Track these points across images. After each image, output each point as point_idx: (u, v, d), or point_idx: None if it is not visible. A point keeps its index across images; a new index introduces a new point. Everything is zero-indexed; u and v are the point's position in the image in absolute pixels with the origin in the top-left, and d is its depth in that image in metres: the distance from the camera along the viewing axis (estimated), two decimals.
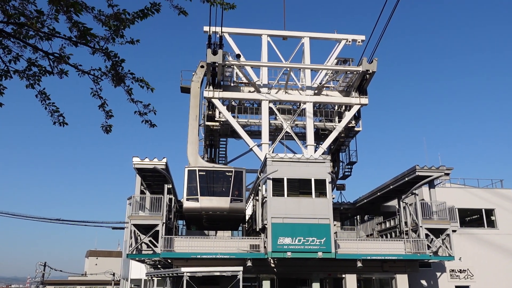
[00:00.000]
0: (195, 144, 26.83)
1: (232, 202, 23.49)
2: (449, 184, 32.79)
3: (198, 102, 28.21)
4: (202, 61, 28.56)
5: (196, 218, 24.78)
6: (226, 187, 23.86)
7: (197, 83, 28.50)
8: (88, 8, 6.08)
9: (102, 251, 79.00)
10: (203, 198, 23.35)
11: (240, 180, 24.21)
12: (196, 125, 27.44)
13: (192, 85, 28.61)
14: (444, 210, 24.33)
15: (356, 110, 29.89)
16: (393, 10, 16.90)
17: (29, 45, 6.10)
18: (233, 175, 23.99)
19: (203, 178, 23.85)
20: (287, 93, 29.97)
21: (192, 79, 28.75)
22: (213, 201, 23.47)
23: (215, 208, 23.57)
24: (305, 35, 31.08)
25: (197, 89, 28.43)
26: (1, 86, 6.36)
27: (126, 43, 6.31)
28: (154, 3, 6.17)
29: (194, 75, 28.77)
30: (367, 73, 28.33)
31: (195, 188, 23.56)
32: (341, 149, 33.93)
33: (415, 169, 23.45)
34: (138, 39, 6.45)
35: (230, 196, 23.50)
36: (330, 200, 22.84)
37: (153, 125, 7.06)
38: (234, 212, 23.88)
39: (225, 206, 23.42)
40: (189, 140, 26.82)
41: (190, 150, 26.57)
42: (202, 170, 24.19)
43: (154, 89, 6.71)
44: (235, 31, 30.66)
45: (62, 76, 6.32)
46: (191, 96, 28.27)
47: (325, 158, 24.08)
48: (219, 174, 24.52)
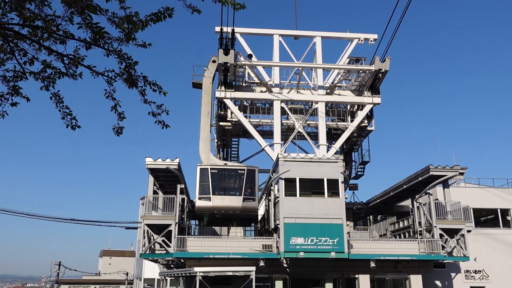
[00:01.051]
0: (207, 141, 26.51)
1: (245, 201, 23.31)
2: (464, 183, 32.40)
3: (210, 98, 27.83)
4: (214, 55, 28.06)
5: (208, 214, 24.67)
6: (239, 186, 23.64)
7: (209, 79, 28.06)
8: (102, 10, 6.13)
9: (116, 251, 79.68)
10: (215, 197, 23.20)
11: (253, 179, 23.94)
12: (208, 122, 27.06)
13: (204, 80, 28.18)
14: (458, 210, 24.04)
15: (369, 110, 29.71)
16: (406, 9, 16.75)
17: (44, 47, 6.17)
18: (246, 173, 23.76)
19: (215, 176, 23.62)
20: (299, 93, 29.91)
21: (204, 75, 28.29)
22: (226, 200, 23.33)
23: (228, 207, 23.42)
24: (317, 34, 30.98)
25: (209, 84, 28.02)
26: (17, 86, 6.45)
27: (138, 46, 6.35)
28: (168, 8, 6.20)
29: (206, 70, 28.30)
30: (380, 72, 28.14)
31: (207, 186, 23.41)
32: (353, 149, 33.75)
33: (429, 169, 23.22)
34: (150, 43, 6.48)
35: (242, 195, 23.33)
36: (343, 200, 22.72)
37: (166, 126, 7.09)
38: (247, 211, 23.71)
39: (237, 205, 23.27)
40: (201, 137, 26.51)
41: (202, 147, 26.27)
42: (214, 168, 23.96)
43: (167, 92, 6.74)
44: (247, 31, 30.68)
45: (76, 78, 6.38)
46: (202, 92, 27.88)
47: (338, 158, 23.98)
48: (231, 172, 24.28)
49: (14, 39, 6.13)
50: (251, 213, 24.34)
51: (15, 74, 6.37)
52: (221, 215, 24.16)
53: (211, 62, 28.35)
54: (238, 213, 23.84)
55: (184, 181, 24.13)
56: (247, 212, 23.94)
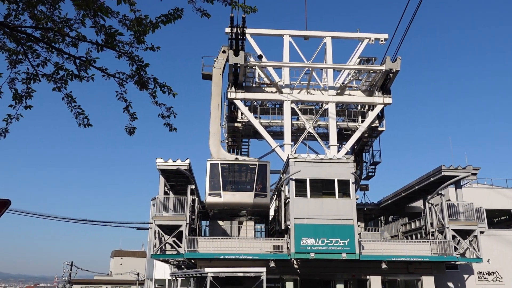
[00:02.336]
0: (217, 135, 25.71)
1: (256, 197, 22.72)
2: (476, 184, 32.05)
3: (220, 90, 27.13)
4: (224, 45, 27.41)
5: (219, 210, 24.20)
6: (250, 182, 22.96)
7: (219, 70, 27.40)
8: (113, 12, 6.17)
9: (127, 251, 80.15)
10: (226, 193, 22.62)
11: (264, 174, 23.23)
12: (218, 115, 26.27)
13: (213, 71, 27.44)
14: (471, 211, 23.79)
15: (380, 110, 29.56)
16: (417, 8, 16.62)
17: (56, 49, 6.22)
18: (257, 168, 23.09)
19: (225, 172, 22.97)
20: (309, 93, 29.84)
21: (214, 66, 27.54)
22: (236, 196, 22.74)
23: (239, 204, 22.84)
24: (327, 34, 30.90)
25: (219, 76, 27.36)
26: (30, 89, 6.52)
27: (147, 49, 6.39)
28: (177, 9, 6.22)
29: (215, 61, 27.59)
30: (391, 72, 27.98)
31: (218, 182, 22.78)
32: (364, 149, 33.59)
33: (441, 169, 23.02)
34: (158, 46, 6.51)
35: (254, 190, 22.70)
36: (353, 200, 22.62)
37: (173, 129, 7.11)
38: (258, 207, 23.08)
39: (248, 202, 22.65)
40: (211, 131, 25.75)
41: (212, 141, 25.52)
42: (225, 163, 23.31)
43: (176, 94, 6.76)
44: (257, 32, 30.69)
45: (88, 80, 6.43)
46: (212, 83, 27.11)
47: (349, 159, 23.86)
48: (242, 167, 23.58)
49: (27, 41, 6.20)
50: (263, 210, 23.70)
51: (28, 76, 6.44)
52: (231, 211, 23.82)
53: (221, 52, 27.51)
54: (249, 209, 23.25)
55: (195, 182, 24.18)
56: (259, 209, 23.31)
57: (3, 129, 6.71)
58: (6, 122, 6.67)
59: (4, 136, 6.77)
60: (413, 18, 16.40)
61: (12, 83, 6.49)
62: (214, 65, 27.71)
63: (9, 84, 6.49)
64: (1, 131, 6.72)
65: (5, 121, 6.66)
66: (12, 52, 6.30)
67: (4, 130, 6.73)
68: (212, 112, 26.34)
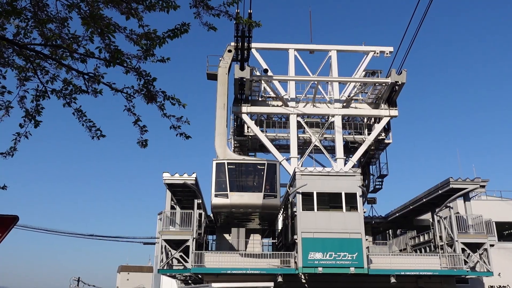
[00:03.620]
0: (223, 135, 24.69)
1: (266, 198, 21.34)
2: (485, 196, 31.77)
3: (226, 89, 26.41)
4: (229, 45, 26.88)
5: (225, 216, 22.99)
6: (259, 182, 21.63)
7: (225, 69, 26.76)
8: (120, 28, 6.26)
9: (134, 266, 79.76)
10: (233, 194, 21.23)
11: (274, 174, 21.98)
12: (224, 115, 25.33)
13: (219, 71, 26.83)
14: (480, 223, 23.52)
15: (386, 122, 29.51)
16: (421, 21, 16.71)
17: (65, 66, 6.30)
18: (266, 168, 21.76)
19: (232, 172, 21.68)
20: (315, 107, 29.89)
21: (219, 65, 26.95)
22: (244, 197, 21.36)
23: (247, 205, 21.48)
24: (332, 48, 31.05)
25: (225, 75, 26.68)
26: (39, 105, 6.59)
27: (157, 62, 6.45)
28: (184, 23, 6.29)
29: (221, 60, 27.02)
30: (396, 85, 28.01)
31: (224, 182, 21.45)
32: (371, 162, 33.47)
33: (449, 182, 22.85)
34: (168, 57, 6.58)
35: (263, 191, 21.32)
36: (361, 214, 22.46)
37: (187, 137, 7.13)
38: (268, 209, 21.70)
39: (257, 203, 21.27)
40: (217, 131, 24.76)
41: (218, 142, 24.50)
42: (232, 163, 22.05)
43: (186, 105, 6.79)
44: (262, 46, 30.91)
45: (96, 95, 6.50)
46: (218, 83, 26.51)
47: (355, 171, 23.76)
48: (250, 167, 22.41)
49: (36, 59, 6.29)
50: (273, 212, 22.34)
51: (37, 93, 6.51)
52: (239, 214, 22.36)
53: (226, 51, 26.89)
54: (258, 211, 21.79)
55: (201, 196, 24.14)
56: (268, 210, 21.88)
57: (12, 148, 6.76)
58: (14, 141, 6.73)
59: (12, 155, 6.81)
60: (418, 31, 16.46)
61: (21, 101, 6.57)
62: (219, 64, 26.99)
63: (19, 103, 6.57)
64: (10, 150, 6.76)
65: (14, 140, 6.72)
66: (22, 69, 6.39)
67: (12, 149, 6.77)
68: (217, 111, 25.46)
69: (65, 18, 6.13)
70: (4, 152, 6.85)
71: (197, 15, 6.55)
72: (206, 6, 6.44)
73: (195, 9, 6.51)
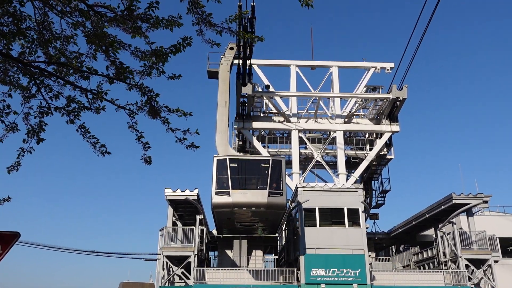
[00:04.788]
0: (224, 133, 23.65)
1: (271, 196, 19.97)
2: (488, 212, 31.60)
3: (228, 87, 25.57)
4: (231, 42, 26.22)
5: (227, 217, 21.65)
6: (263, 179, 20.36)
7: (226, 66, 26.07)
8: (125, 45, 6.34)
9: (135, 283, 78.88)
10: (235, 191, 19.90)
11: (279, 171, 20.73)
12: (225, 112, 24.39)
13: (220, 68, 26.13)
14: (484, 239, 23.38)
15: (388, 138, 29.53)
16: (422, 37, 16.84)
17: (68, 83, 6.37)
18: (271, 165, 20.57)
19: (235, 169, 20.50)
20: (316, 122, 29.97)
21: (221, 62, 26.23)
22: (248, 195, 20.02)
23: (250, 204, 20.11)
24: (333, 64, 31.27)
25: (226, 72, 25.94)
26: (42, 122, 6.64)
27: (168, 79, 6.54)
28: (186, 37, 6.36)
29: (222, 57, 26.31)
30: (398, 100, 28.11)
31: (226, 180, 20.16)
32: (373, 177, 33.40)
33: (452, 197, 22.77)
34: (180, 74, 6.65)
35: (267, 189, 20.02)
36: (363, 229, 22.36)
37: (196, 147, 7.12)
38: (273, 208, 20.37)
39: (262, 201, 19.89)
40: (218, 129, 23.74)
41: (219, 140, 23.44)
42: (234, 159, 20.95)
43: (191, 113, 6.79)
44: (264, 63, 31.16)
45: (99, 112, 6.55)
46: (219, 80, 25.76)
47: (358, 187, 23.73)
48: (253, 163, 21.30)
49: (40, 76, 6.37)
50: (279, 211, 20.92)
51: (41, 110, 6.57)
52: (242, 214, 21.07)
53: (228, 49, 26.18)
54: (263, 210, 20.39)
55: (203, 212, 24.07)
56: (274, 209, 20.54)
57: (16, 162, 6.81)
58: (18, 156, 6.78)
59: (17, 170, 6.85)
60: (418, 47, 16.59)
61: (26, 118, 6.63)
62: (220, 61, 26.23)
63: (23, 120, 6.63)
64: (14, 165, 6.81)
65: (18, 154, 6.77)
66: (26, 88, 6.46)
67: (16, 164, 6.82)
68: (219, 109, 24.54)
69: (70, 36, 6.23)
70: (9, 167, 6.90)
71: (200, 32, 6.63)
72: (209, 23, 6.51)
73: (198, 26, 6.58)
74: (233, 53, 25.84)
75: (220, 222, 22.78)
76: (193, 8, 6.21)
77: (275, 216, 21.50)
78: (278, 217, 21.98)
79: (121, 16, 5.83)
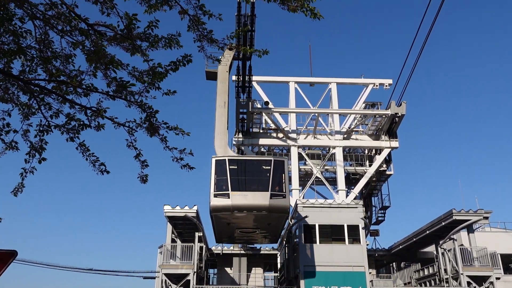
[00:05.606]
0: (223, 134, 22.84)
1: (273, 198, 18.87)
2: (489, 228, 31.43)
3: (227, 87, 24.97)
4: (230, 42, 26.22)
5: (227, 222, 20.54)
6: (264, 180, 19.34)
7: (225, 67, 25.48)
8: (123, 64, 6.38)
9: None
10: (235, 193, 18.88)
11: (282, 172, 19.71)
12: (224, 113, 23.67)
13: (219, 69, 25.49)
14: (485, 256, 23.20)
15: (387, 154, 29.53)
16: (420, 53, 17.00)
17: (68, 101, 6.40)
18: (273, 165, 19.51)
19: (234, 170, 19.58)
20: (316, 138, 30.00)
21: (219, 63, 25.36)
22: (248, 197, 18.94)
23: (251, 206, 18.95)
24: (332, 80, 31.43)
25: (225, 73, 25.33)
26: (43, 141, 6.65)
27: (163, 95, 6.56)
28: (186, 55, 6.41)
29: (221, 58, 25.35)
30: (396, 116, 28.19)
31: (225, 181, 19.10)
32: (373, 194, 33.30)
33: (452, 213, 22.68)
34: (175, 90, 6.69)
35: (269, 190, 18.94)
36: (364, 246, 22.20)
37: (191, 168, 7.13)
38: (276, 211, 19.23)
39: (263, 204, 18.77)
40: (217, 130, 23.03)
41: (218, 142, 22.65)
42: (233, 160, 20.09)
43: (190, 133, 6.81)
44: (263, 80, 31.32)
45: (99, 129, 6.56)
46: (218, 81, 25.16)
47: (357, 203, 23.64)
48: (254, 165, 20.36)
49: (40, 94, 6.39)
50: (281, 214, 19.77)
51: (41, 128, 6.58)
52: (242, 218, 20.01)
53: (227, 49, 25.02)
54: (265, 213, 19.22)
55: (202, 229, 23.91)
56: (276, 213, 19.39)
57: (19, 183, 6.78)
58: (21, 177, 6.76)
59: (21, 191, 6.82)
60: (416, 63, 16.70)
61: (25, 135, 6.64)
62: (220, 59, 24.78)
63: (23, 137, 6.64)
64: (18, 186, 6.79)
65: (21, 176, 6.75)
66: (25, 105, 6.49)
67: (20, 185, 6.79)
68: (217, 110, 23.88)
69: (70, 55, 6.28)
70: (13, 190, 6.88)
71: (201, 48, 6.68)
72: (210, 40, 6.57)
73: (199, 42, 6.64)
74: (232, 53, 25.14)
75: (219, 228, 21.60)
76: (194, 26, 6.27)
77: (278, 220, 20.39)
78: (281, 221, 20.88)
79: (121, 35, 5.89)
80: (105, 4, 5.87)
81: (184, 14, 6.05)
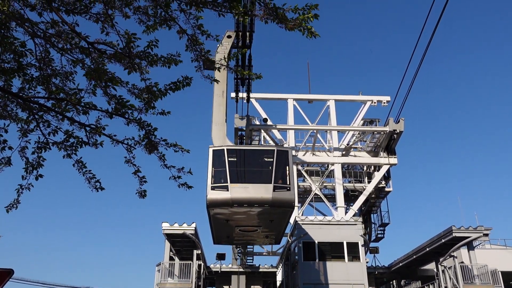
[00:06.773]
0: (221, 125, 21.57)
1: (276, 190, 17.22)
2: (489, 245, 31.25)
3: (225, 77, 23.71)
4: (229, 30, 24.66)
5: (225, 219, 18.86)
6: (267, 172, 17.75)
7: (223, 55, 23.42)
8: (122, 82, 6.43)
9: None
10: (234, 186, 17.22)
11: (285, 163, 18.11)
12: (222, 103, 22.53)
13: (217, 56, 23.87)
14: (486, 273, 23.01)
15: (386, 170, 29.53)
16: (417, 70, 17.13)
17: (67, 118, 6.42)
18: (276, 156, 17.96)
19: (234, 160, 17.99)
20: (314, 155, 30.01)
21: (217, 51, 24.43)
22: (249, 190, 17.26)
23: (253, 200, 17.24)
24: (330, 98, 31.59)
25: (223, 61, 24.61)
26: (41, 157, 6.65)
27: (157, 115, 6.59)
28: (186, 77, 6.48)
29: (219, 46, 24.55)
30: (395, 133, 28.26)
31: (224, 173, 17.44)
32: (372, 211, 33.18)
33: (452, 230, 22.55)
34: (169, 111, 6.73)
35: (272, 182, 17.33)
36: (364, 264, 22.03)
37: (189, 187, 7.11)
38: (279, 205, 17.54)
39: (266, 197, 17.13)
40: (214, 121, 21.75)
41: (216, 133, 21.35)
42: (233, 149, 18.47)
43: (189, 151, 6.82)
44: (261, 96, 31.46)
45: (97, 146, 6.57)
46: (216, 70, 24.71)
47: (357, 220, 23.55)
48: (255, 155, 18.87)
49: (39, 111, 6.42)
50: (286, 208, 18.03)
51: (39, 145, 6.59)
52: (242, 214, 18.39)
53: (225, 37, 24.57)
54: (267, 208, 17.58)
55: (201, 247, 23.75)
56: (280, 207, 17.72)
57: (15, 199, 6.76)
58: (18, 193, 6.74)
59: (16, 207, 6.80)
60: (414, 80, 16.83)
61: (22, 151, 6.64)
62: (217, 50, 24.32)
63: (20, 153, 6.64)
64: (14, 202, 6.76)
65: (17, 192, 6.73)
66: (24, 122, 6.51)
67: (16, 201, 6.77)
68: (215, 99, 22.77)
69: (70, 72, 6.33)
70: (8, 205, 6.84)
71: (199, 68, 6.75)
72: (208, 60, 6.65)
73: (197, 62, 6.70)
74: (231, 42, 23.99)
75: (216, 227, 19.99)
76: (192, 45, 6.35)
77: (282, 216, 18.69)
78: (285, 217, 19.12)
79: (121, 53, 5.95)
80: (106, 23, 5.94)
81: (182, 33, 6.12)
